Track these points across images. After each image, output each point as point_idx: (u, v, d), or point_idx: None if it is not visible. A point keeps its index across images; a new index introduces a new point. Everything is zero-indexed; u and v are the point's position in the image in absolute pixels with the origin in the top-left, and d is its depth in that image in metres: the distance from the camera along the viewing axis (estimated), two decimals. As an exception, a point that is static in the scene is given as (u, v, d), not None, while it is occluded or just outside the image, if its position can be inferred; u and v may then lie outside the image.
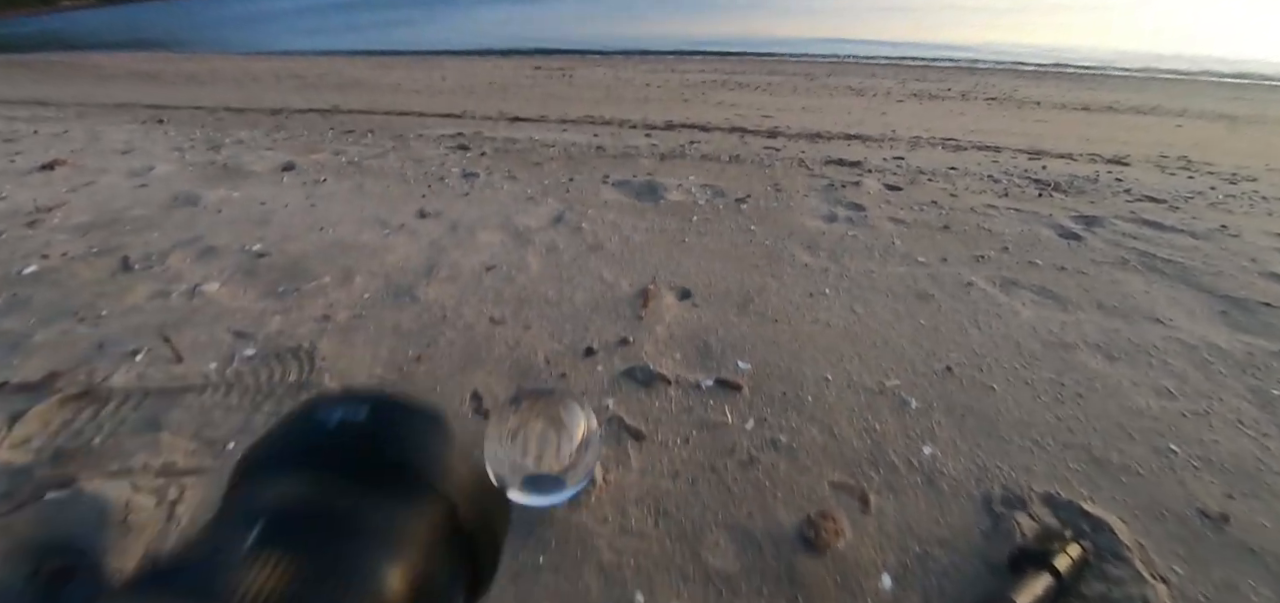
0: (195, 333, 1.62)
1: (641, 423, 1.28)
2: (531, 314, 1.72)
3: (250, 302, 1.80)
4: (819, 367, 1.50)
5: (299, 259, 2.08)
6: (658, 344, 1.58)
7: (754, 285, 1.91)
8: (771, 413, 1.32)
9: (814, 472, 1.17)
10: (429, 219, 2.49)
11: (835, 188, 2.96)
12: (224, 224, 2.44)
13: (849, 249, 2.23)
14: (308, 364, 1.46)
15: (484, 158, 3.50)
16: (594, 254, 2.14)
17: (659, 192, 2.82)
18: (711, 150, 3.71)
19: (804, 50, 10.27)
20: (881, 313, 1.78)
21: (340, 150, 3.66)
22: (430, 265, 2.04)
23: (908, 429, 1.30)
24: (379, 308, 1.75)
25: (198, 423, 1.29)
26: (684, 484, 1.13)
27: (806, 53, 10.13)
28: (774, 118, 4.90)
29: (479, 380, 1.42)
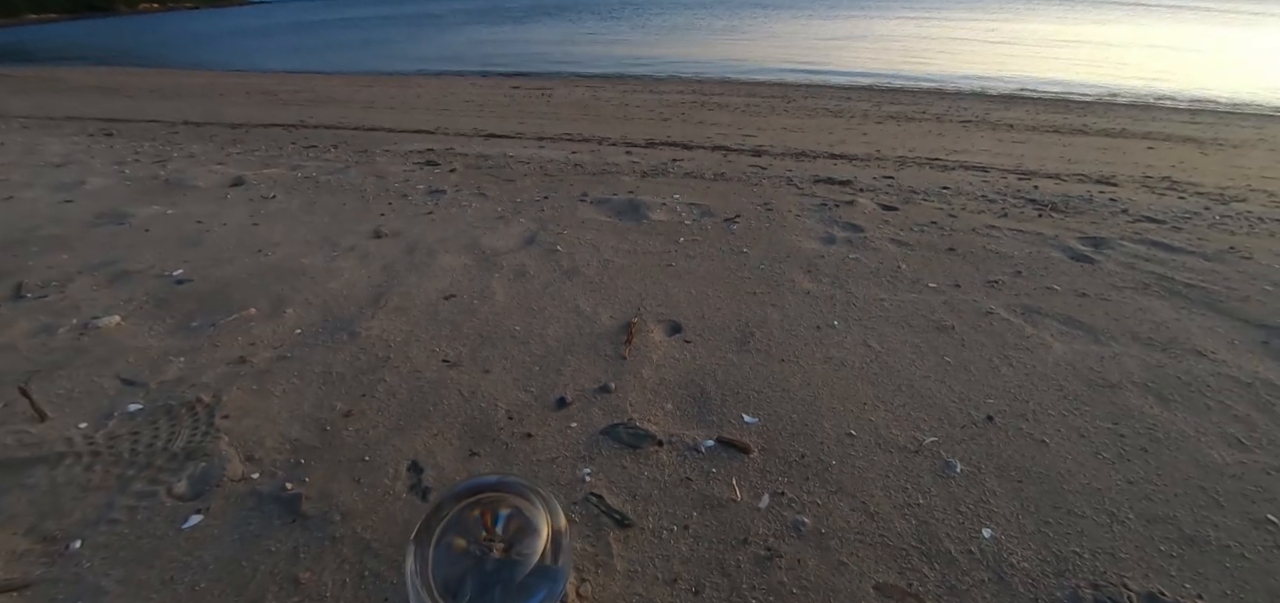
0: (72, 381, 1.27)
1: (628, 503, 0.98)
2: (493, 354, 1.41)
3: (153, 339, 1.46)
4: (840, 419, 1.22)
5: (225, 286, 1.74)
6: (645, 392, 1.28)
7: (753, 317, 1.63)
8: (790, 485, 1.03)
9: (852, 570, 0.88)
10: (385, 239, 2.17)
11: (828, 207, 2.72)
12: (148, 245, 2.08)
13: (853, 274, 1.96)
14: (204, 424, 1.13)
15: (453, 174, 3.18)
16: (569, 280, 1.84)
17: (642, 211, 2.54)
18: (695, 168, 3.45)
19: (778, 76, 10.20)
20: (900, 348, 1.51)
21: (298, 165, 3.32)
22: (378, 294, 1.71)
23: (958, 502, 1.02)
24: (310, 347, 1.42)
25: (42, 510, 0.95)
26: (686, 595, 0.82)
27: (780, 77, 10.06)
28: (756, 137, 4.68)
29: (421, 444, 1.10)
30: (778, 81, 9.65)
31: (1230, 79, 10.33)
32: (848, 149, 4.37)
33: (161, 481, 1.00)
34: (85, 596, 0.81)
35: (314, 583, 0.83)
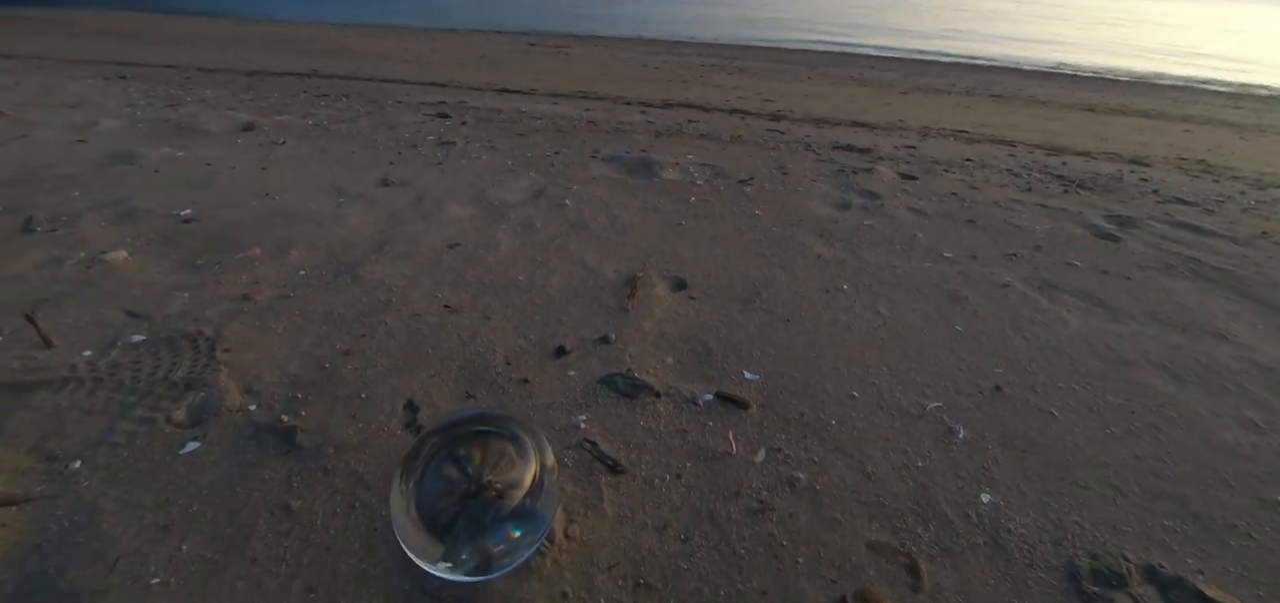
0: (79, 311, 1.29)
1: (621, 451, 0.97)
2: (494, 302, 1.41)
3: (159, 275, 1.47)
4: (842, 380, 1.20)
5: (231, 227, 1.75)
6: (646, 344, 1.27)
7: (760, 277, 1.61)
8: (787, 441, 1.02)
9: (845, 527, 0.87)
10: (393, 188, 2.17)
11: (846, 174, 2.66)
12: (158, 185, 2.10)
13: (867, 240, 1.92)
14: (205, 356, 1.14)
15: (464, 127, 3.16)
16: (576, 234, 1.83)
17: (654, 169, 2.50)
18: (711, 130, 3.39)
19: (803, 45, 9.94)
20: (910, 315, 1.48)
21: (309, 113, 3.31)
22: (383, 240, 1.71)
23: (958, 467, 1.01)
24: (312, 288, 1.43)
25: (44, 430, 0.97)
26: (675, 542, 0.82)
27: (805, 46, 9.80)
28: (776, 102, 4.58)
29: (418, 384, 1.10)
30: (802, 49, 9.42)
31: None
32: (870, 118, 4.27)
33: (161, 408, 1.02)
34: (83, 513, 0.83)
35: (305, 511, 0.84)
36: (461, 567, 0.68)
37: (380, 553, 0.78)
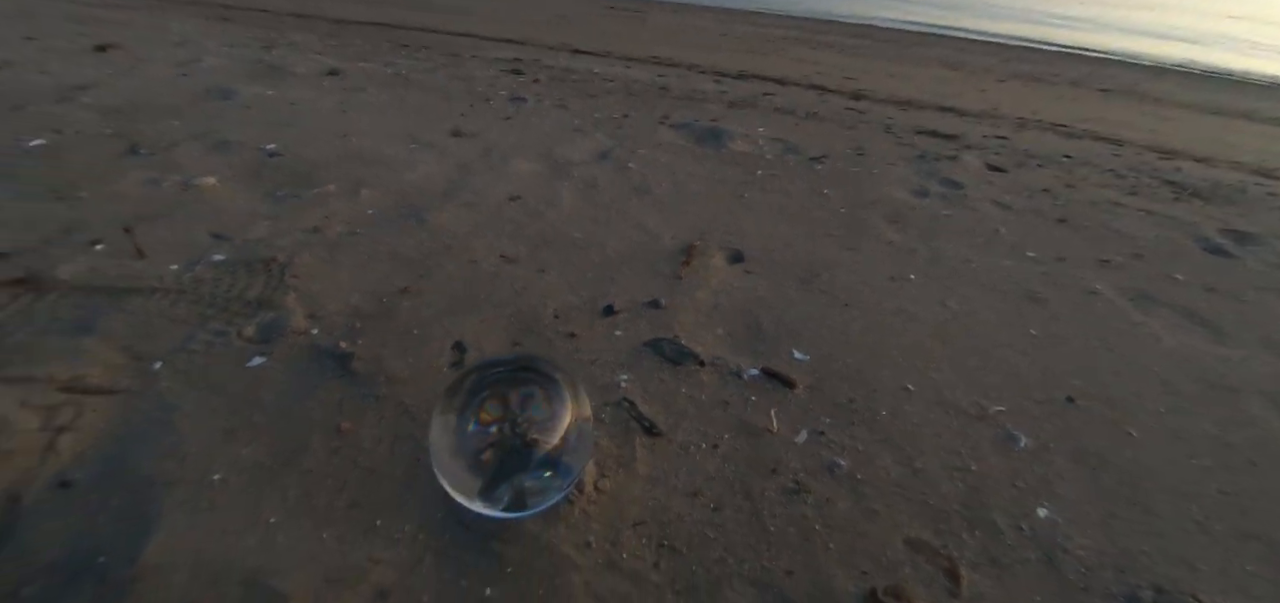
0: (170, 229, 1.40)
1: (660, 413, 0.97)
2: (551, 256, 1.42)
3: (243, 202, 1.58)
4: (899, 371, 1.15)
5: (311, 165, 1.85)
6: (697, 313, 1.26)
7: (823, 258, 1.55)
8: (832, 425, 0.99)
9: (885, 519, 0.84)
10: (463, 139, 2.22)
11: (928, 160, 2.52)
12: (248, 121, 2.24)
13: (943, 230, 1.82)
14: (276, 280, 1.22)
15: (536, 84, 3.19)
16: (638, 198, 1.82)
17: (723, 138, 2.45)
18: (786, 104, 3.28)
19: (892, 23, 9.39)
20: (982, 313, 1.40)
21: (390, 62, 3.43)
22: (450, 188, 1.76)
23: (1017, 476, 0.95)
24: (380, 227, 1.49)
25: (134, 332, 1.06)
26: (704, 510, 0.82)
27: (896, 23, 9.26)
28: (858, 80, 4.37)
29: (469, 328, 1.14)
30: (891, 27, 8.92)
31: None
32: (961, 104, 4.01)
33: (234, 323, 1.09)
34: (161, 410, 0.91)
35: (354, 433, 0.89)
36: (494, 503, 0.70)
37: (420, 482, 0.82)
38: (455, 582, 0.69)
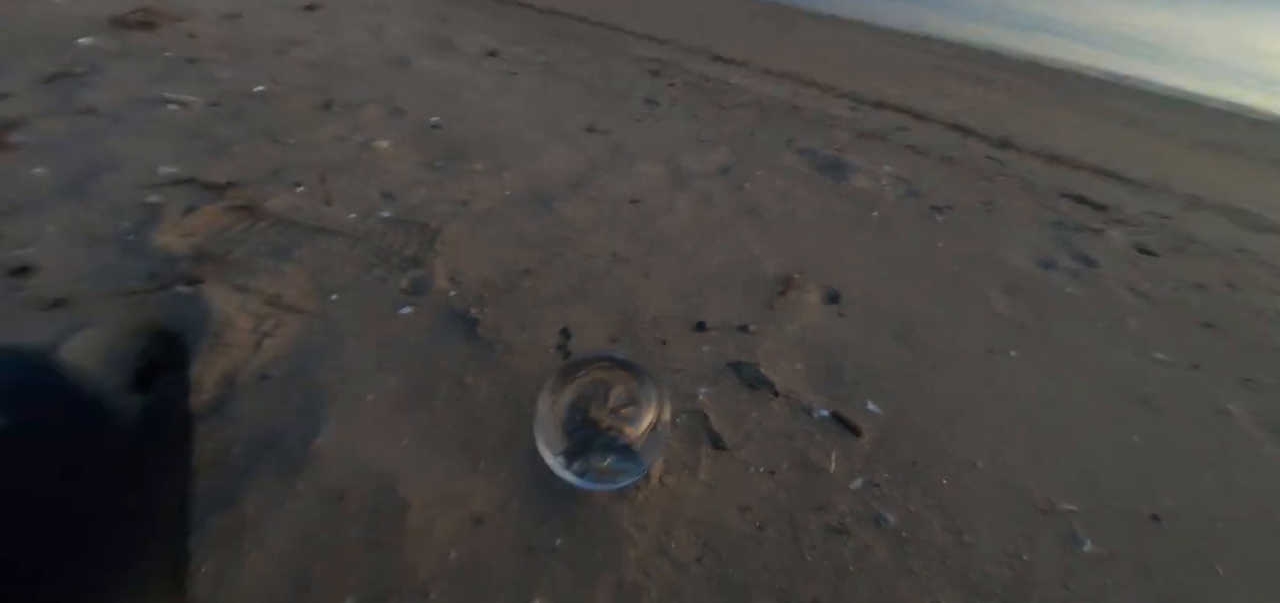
0: (352, 182, 1.70)
1: (728, 430, 1.08)
2: (657, 262, 1.57)
3: (408, 167, 1.86)
4: (971, 445, 1.17)
5: (464, 141, 2.12)
6: (781, 345, 1.34)
7: (921, 314, 1.57)
8: (889, 480, 1.05)
9: (920, 581, 0.90)
10: (595, 135, 2.42)
11: (1065, 228, 2.38)
12: (419, 92, 2.57)
13: (1061, 309, 1.75)
14: (429, 244, 1.46)
15: (672, 89, 3.34)
16: (748, 219, 1.91)
17: (844, 171, 2.47)
18: (921, 142, 3.19)
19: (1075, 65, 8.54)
20: (1081, 406, 1.36)
21: (542, 49, 3.73)
22: (578, 181, 1.96)
23: (1070, 577, 0.96)
24: (514, 209, 1.71)
25: (318, 266, 1.33)
26: (751, 526, 0.92)
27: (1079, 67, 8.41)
28: (1009, 126, 4.11)
29: (576, 316, 1.30)
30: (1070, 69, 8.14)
31: None
32: (1125, 170, 3.66)
33: (393, 275, 1.34)
34: (333, 334, 1.16)
35: (474, 388, 1.08)
36: (576, 472, 0.86)
37: (518, 439, 0.99)
38: (535, 526, 0.85)
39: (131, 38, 2.62)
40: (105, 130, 1.75)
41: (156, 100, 2.00)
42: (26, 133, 1.66)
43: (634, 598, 0.78)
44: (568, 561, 0.82)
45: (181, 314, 1.10)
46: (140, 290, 1.14)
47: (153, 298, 1.12)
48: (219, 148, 1.75)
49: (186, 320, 1.09)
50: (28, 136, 1.65)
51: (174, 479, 0.56)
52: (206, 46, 2.67)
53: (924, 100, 4.32)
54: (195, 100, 2.05)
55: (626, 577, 0.81)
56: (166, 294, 1.14)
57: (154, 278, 1.18)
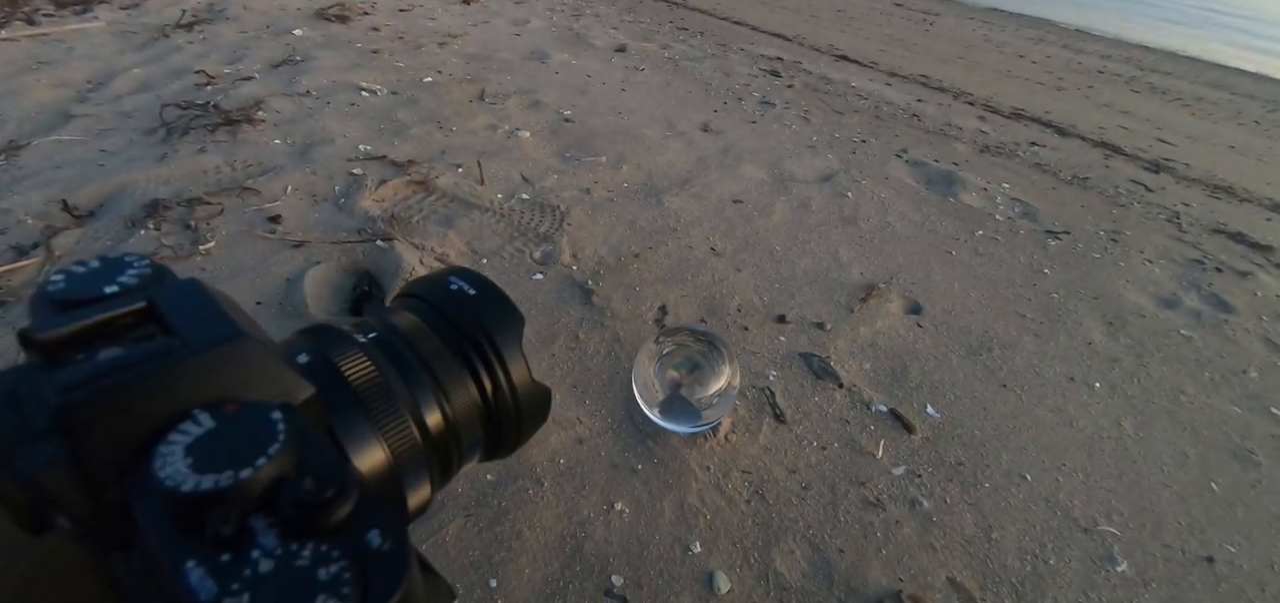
0: (499, 166, 2.07)
1: (790, 408, 1.29)
2: (749, 259, 1.78)
3: (543, 156, 2.20)
4: (1022, 460, 1.29)
5: (591, 134, 2.44)
6: (853, 345, 1.52)
7: (1003, 337, 1.66)
8: (930, 473, 1.21)
9: (938, 555, 1.06)
10: (709, 134, 2.65)
11: (1204, 268, 2.27)
12: (555, 85, 2.94)
13: (1167, 351, 1.74)
14: (558, 224, 1.78)
15: (789, 90, 3.48)
16: (842, 227, 2.06)
17: (955, 186, 2.51)
18: (1053, 161, 3.09)
19: None
20: (1158, 447, 1.41)
21: (667, 45, 3.99)
22: (687, 177, 2.20)
23: (1093, 588, 1.07)
24: (629, 200, 1.99)
25: (472, 234, 1.69)
26: (796, 484, 1.13)
27: None
28: (1171, 146, 3.80)
29: (672, 297, 1.56)
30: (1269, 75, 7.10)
31: None
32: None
33: (528, 247, 1.67)
34: (483, 290, 1.50)
35: (585, 343, 1.37)
36: (659, 415, 1.12)
37: (615, 387, 1.27)
38: (621, 451, 1.12)
39: (330, 29, 3.21)
40: (318, 111, 2.25)
41: (352, 87, 2.51)
42: (266, 110, 2.19)
43: (692, 517, 1.03)
44: (644, 480, 1.08)
45: (379, 261, 1.49)
46: (351, 240, 1.55)
47: (360, 247, 1.53)
48: (400, 130, 2.19)
49: (383, 267, 1.47)
50: (267, 114, 2.17)
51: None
52: (385, 38, 3.21)
53: (1072, 111, 4.09)
54: (380, 89, 2.53)
55: (688, 501, 1.06)
56: (369, 245, 1.54)
57: (360, 231, 1.59)
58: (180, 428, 0.24)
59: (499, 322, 0.46)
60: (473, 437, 0.44)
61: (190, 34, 2.91)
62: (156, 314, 0.29)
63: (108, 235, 1.53)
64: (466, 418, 0.43)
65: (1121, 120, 4.27)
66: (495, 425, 0.45)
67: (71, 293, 0.29)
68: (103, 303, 0.28)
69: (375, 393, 0.38)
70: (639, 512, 1.03)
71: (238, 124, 2.05)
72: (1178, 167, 3.46)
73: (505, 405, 0.45)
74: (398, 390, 0.38)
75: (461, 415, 0.42)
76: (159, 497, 0.22)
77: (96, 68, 2.48)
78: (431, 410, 0.40)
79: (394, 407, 0.38)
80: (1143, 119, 4.40)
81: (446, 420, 0.41)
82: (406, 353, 0.41)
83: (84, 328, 0.27)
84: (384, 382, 0.38)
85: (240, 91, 2.32)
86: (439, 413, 0.40)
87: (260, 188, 1.74)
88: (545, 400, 0.50)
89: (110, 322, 0.28)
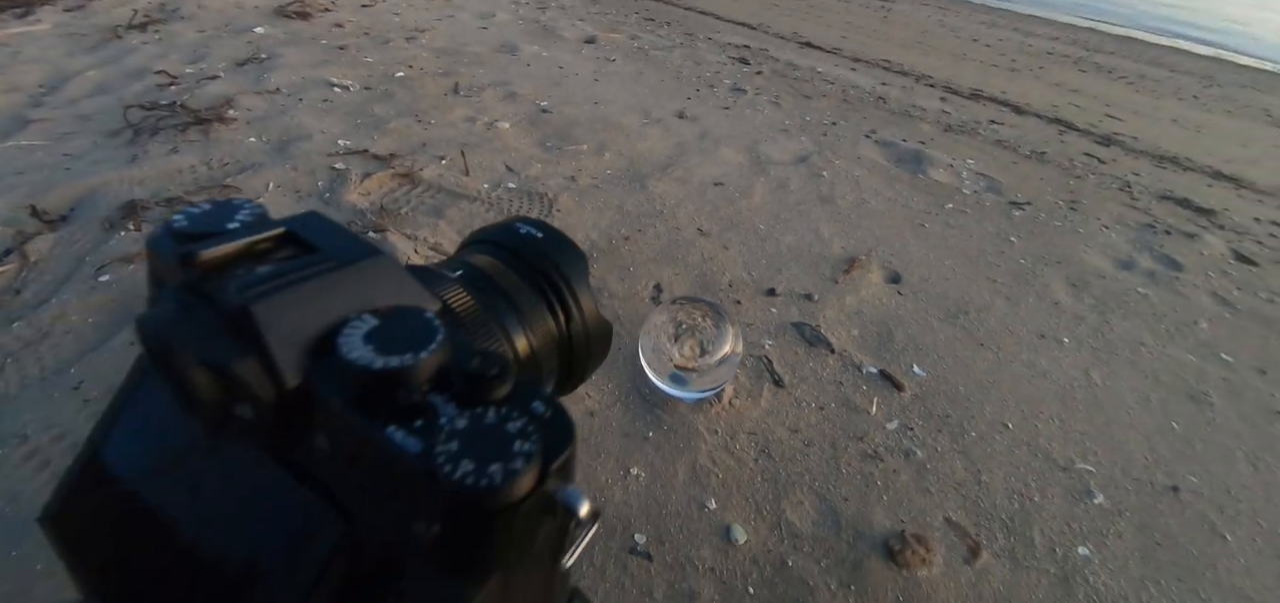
0: (483, 156, 2.09)
1: (787, 373, 1.36)
2: (735, 238, 1.85)
3: (525, 146, 2.23)
4: (1003, 410, 1.39)
5: (570, 123, 2.47)
6: (840, 313, 1.60)
7: (977, 300, 1.77)
8: (921, 426, 1.30)
9: (934, 498, 1.15)
10: (685, 121, 2.71)
11: (1154, 232, 2.44)
12: (528, 77, 2.96)
13: (1126, 307, 1.88)
14: (546, 211, 1.81)
15: (759, 77, 3.57)
16: (821, 206, 2.15)
17: (923, 164, 2.63)
18: (1012, 138, 3.26)
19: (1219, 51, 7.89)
20: (1123, 393, 1.53)
21: (635, 35, 4.04)
22: (668, 163, 2.26)
23: (1073, 519, 1.17)
24: (614, 186, 2.04)
25: (463, 223, 1.72)
26: (799, 442, 1.21)
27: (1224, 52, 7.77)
28: (1121, 122, 4.03)
29: (666, 275, 1.62)
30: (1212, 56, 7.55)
31: None
32: (1248, 173, 3.54)
33: (519, 234, 1.70)
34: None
35: (585, 324, 1.42)
36: (667, 384, 1.17)
37: (621, 361, 1.32)
38: (632, 421, 1.17)
39: (292, 26, 3.16)
40: (291, 107, 2.23)
41: (323, 82, 2.49)
42: (237, 109, 2.17)
43: (705, 476, 1.09)
44: (656, 446, 1.14)
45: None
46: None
47: (352, 240, 1.54)
48: (379, 124, 2.19)
49: (377, 258, 1.49)
50: (239, 111, 2.15)
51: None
52: (350, 34, 3.18)
53: (1026, 91, 4.30)
54: (352, 84, 2.52)
55: (699, 463, 1.12)
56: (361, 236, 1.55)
57: (350, 224, 1.59)
58: (351, 324, 0.28)
59: (568, 260, 0.52)
60: (550, 365, 0.49)
61: (144, 34, 2.83)
62: (297, 238, 0.33)
63: (86, 237, 1.50)
64: (545, 348, 0.48)
65: (1072, 98, 4.50)
66: (569, 355, 0.50)
67: (197, 228, 0.32)
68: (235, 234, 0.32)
69: (475, 321, 0.42)
70: (654, 475, 1.09)
71: (209, 123, 2.03)
72: (1126, 140, 3.68)
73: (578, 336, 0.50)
74: (492, 320, 0.43)
75: (542, 345, 0.47)
76: (349, 377, 0.26)
77: (46, 71, 2.40)
78: (519, 338, 0.45)
79: (492, 333, 0.43)
80: (1092, 96, 4.65)
81: (531, 349, 0.46)
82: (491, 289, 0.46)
83: (241, 248, 0.31)
84: (482, 311, 0.43)
85: (207, 91, 2.28)
86: (525, 341, 0.45)
87: (241, 185, 1.73)
88: (609, 333, 0.55)
89: (256, 244, 0.32)
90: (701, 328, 1.19)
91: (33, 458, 1.02)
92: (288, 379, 0.26)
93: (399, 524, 0.25)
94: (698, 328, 1.19)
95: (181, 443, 0.31)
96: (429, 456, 0.23)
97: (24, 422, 1.07)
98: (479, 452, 0.23)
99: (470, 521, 0.24)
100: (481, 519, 0.24)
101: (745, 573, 0.97)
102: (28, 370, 1.16)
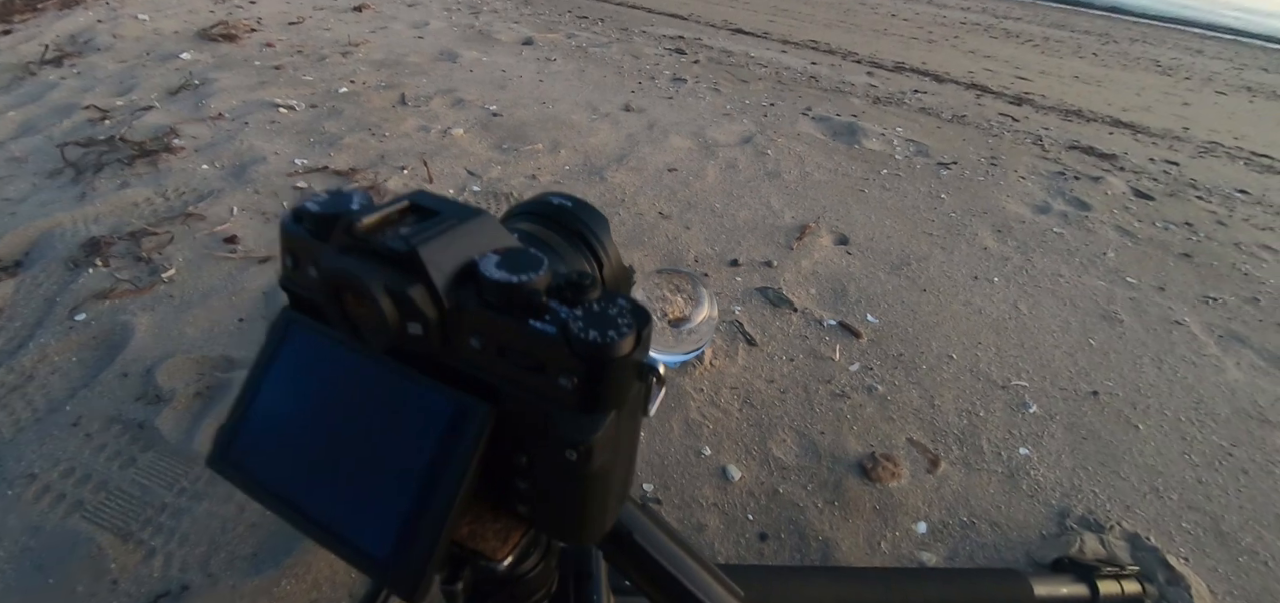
0: (442, 164, 2.16)
1: (758, 333, 1.52)
2: (694, 218, 2.00)
3: (481, 150, 2.31)
4: (948, 344, 1.59)
5: (521, 124, 2.57)
6: (798, 276, 1.77)
7: (916, 252, 1.97)
8: (879, 365, 1.48)
9: (897, 423, 1.32)
10: (632, 114, 2.84)
11: (1064, 178, 2.74)
12: (473, 82, 3.03)
13: (1045, 246, 2.13)
14: (513, 209, 1.92)
15: (696, 66, 3.74)
16: (769, 181, 2.33)
17: (857, 135, 2.85)
18: (935, 104, 3.54)
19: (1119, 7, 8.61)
20: (1048, 319, 1.76)
21: (572, 34, 4.15)
22: (622, 154, 2.39)
23: (1013, 427, 1.37)
24: (573, 180, 2.15)
25: (434, 230, 1.80)
26: (775, 390, 1.36)
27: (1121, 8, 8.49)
28: (1030, 82, 4.42)
29: (636, 258, 1.75)
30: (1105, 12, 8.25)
31: None
32: (1143, 119, 3.96)
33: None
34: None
35: (567, 309, 1.54)
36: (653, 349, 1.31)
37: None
38: (625, 389, 1.30)
39: (220, 50, 3.12)
40: (237, 132, 2.24)
41: (267, 104, 2.49)
42: (182, 138, 2.16)
43: (697, 428, 1.23)
44: (650, 408, 1.27)
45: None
46: (319, 249, 1.62)
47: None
48: (333, 140, 2.23)
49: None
50: (184, 140, 2.14)
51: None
52: (283, 53, 3.16)
53: (944, 61, 4.64)
54: (297, 103, 2.53)
55: (691, 417, 1.26)
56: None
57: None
58: (484, 259, 0.40)
59: (595, 221, 0.64)
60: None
61: (60, 69, 2.74)
62: (420, 208, 0.44)
63: (50, 280, 1.51)
64: None
65: (986, 64, 4.89)
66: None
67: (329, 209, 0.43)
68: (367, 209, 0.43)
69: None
70: (651, 432, 1.22)
71: (156, 154, 2.02)
72: (1036, 98, 4.05)
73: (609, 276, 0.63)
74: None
75: None
76: (494, 291, 0.38)
77: (-40, 116, 2.32)
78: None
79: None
80: (1003, 61, 5.06)
81: None
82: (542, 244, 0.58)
83: (388, 215, 0.42)
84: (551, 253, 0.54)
85: (144, 121, 2.26)
86: None
87: (204, 213, 1.75)
88: (631, 275, 0.68)
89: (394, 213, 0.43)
90: (684, 294, 1.33)
91: (47, 493, 1.06)
92: (446, 300, 0.37)
93: (540, 389, 0.37)
94: (681, 294, 1.33)
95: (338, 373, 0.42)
96: (566, 331, 0.35)
97: (29, 461, 1.10)
98: (597, 326, 0.35)
99: (600, 368, 0.36)
100: (608, 366, 0.35)
101: (743, 504, 1.11)
102: (20, 413, 1.19)
